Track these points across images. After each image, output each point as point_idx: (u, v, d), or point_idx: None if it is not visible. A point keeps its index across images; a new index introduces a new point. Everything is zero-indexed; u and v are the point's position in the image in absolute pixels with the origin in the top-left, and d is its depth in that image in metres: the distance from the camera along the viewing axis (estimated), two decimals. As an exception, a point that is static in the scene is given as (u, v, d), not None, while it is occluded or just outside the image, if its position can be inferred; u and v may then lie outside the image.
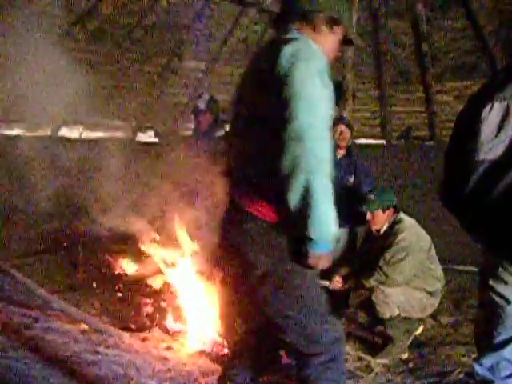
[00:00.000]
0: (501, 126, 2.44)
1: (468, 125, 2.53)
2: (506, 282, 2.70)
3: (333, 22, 2.73)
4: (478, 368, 2.85)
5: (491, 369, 2.80)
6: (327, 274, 5.64)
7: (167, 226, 5.58)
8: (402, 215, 5.27)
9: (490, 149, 2.44)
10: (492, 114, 2.45)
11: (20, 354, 3.88)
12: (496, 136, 2.44)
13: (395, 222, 5.24)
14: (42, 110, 7.41)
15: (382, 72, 8.58)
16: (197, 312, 5.03)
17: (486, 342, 2.85)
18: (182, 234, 5.40)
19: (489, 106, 2.45)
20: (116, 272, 6.97)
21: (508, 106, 2.43)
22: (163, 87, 8.03)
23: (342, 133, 5.87)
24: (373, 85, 8.73)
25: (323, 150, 2.41)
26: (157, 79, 7.87)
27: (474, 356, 3.42)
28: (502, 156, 2.43)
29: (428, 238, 5.20)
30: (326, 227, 2.44)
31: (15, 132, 7.33)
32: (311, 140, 2.37)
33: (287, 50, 2.47)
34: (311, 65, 2.45)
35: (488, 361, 2.82)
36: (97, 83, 7.37)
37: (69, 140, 8.05)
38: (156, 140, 8.81)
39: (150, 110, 8.35)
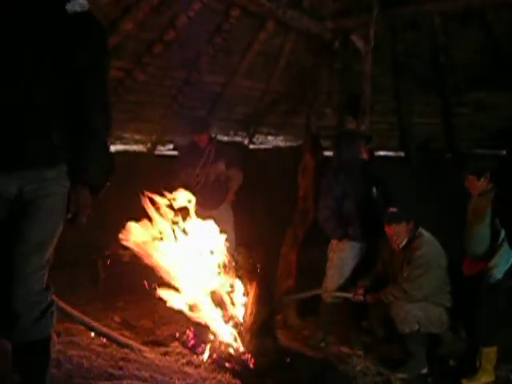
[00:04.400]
0: None
1: None
2: None
3: None
4: None
5: None
6: (349, 287, 5.70)
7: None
8: (421, 230, 5.29)
9: None
10: None
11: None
12: None
13: (415, 237, 5.26)
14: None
15: (399, 84, 8.58)
16: (219, 326, 5.06)
17: None
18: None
19: None
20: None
21: None
22: (182, 101, 8.07)
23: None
24: (390, 97, 8.73)
25: None
26: (176, 93, 7.92)
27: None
28: None
29: (445, 253, 5.22)
30: None
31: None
32: None
33: None
34: None
35: None
36: (117, 98, 7.45)
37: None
38: (175, 153, 8.88)
39: (169, 123, 8.41)
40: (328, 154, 7.71)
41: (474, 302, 4.84)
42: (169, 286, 4.96)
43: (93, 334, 4.94)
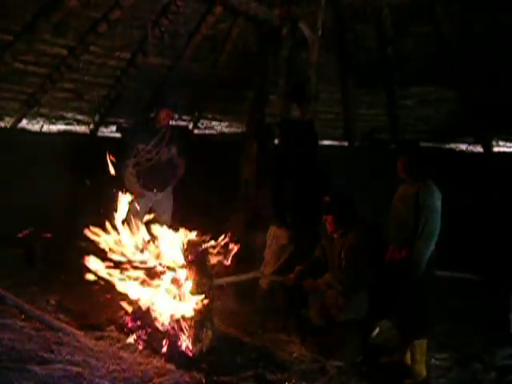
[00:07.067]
0: None
1: None
2: None
3: None
4: (500, 354, 4.02)
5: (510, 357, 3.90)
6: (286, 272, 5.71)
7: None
8: (357, 219, 5.32)
9: None
10: None
11: (-29, 351, 3.83)
12: None
13: (351, 227, 5.28)
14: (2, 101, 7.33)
15: (346, 75, 8.63)
16: (155, 311, 4.99)
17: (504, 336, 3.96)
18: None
19: None
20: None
21: None
22: (127, 82, 7.97)
23: None
24: (337, 87, 8.78)
25: None
26: (120, 74, 7.81)
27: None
28: None
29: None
30: None
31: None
32: None
33: None
34: None
35: (507, 350, 3.96)
36: (59, 76, 7.29)
37: (29, 132, 7.94)
38: (118, 135, 8.76)
39: (112, 104, 8.28)
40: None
41: (403, 293, 4.78)
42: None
43: (23, 317, 4.81)
